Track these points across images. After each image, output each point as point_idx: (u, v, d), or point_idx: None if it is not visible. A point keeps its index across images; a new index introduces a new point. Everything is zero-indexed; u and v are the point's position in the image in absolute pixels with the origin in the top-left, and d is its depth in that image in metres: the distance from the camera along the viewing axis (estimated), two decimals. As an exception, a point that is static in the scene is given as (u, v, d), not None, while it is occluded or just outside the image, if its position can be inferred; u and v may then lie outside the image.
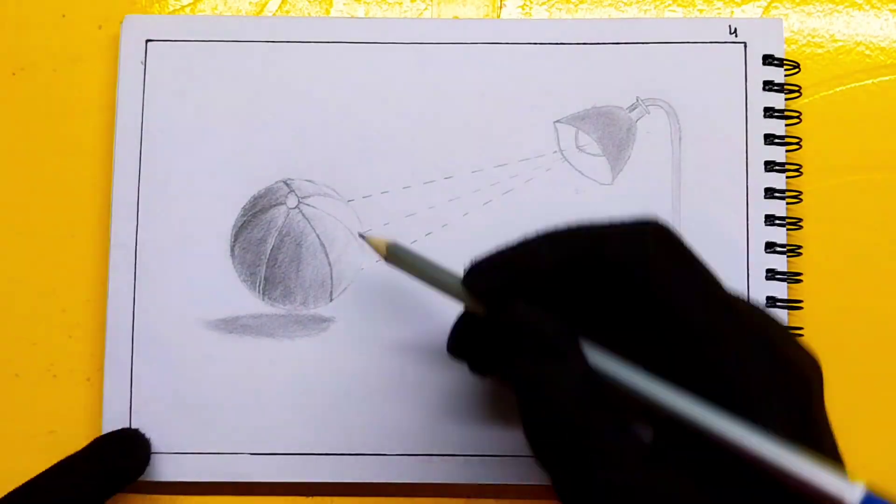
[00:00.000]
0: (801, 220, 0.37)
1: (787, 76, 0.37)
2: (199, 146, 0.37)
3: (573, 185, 0.37)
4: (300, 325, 0.37)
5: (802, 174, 0.37)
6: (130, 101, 0.38)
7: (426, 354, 0.36)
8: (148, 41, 0.38)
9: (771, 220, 0.37)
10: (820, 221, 0.38)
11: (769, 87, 0.37)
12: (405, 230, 0.37)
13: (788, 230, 0.37)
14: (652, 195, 0.37)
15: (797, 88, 0.37)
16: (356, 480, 0.36)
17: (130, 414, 0.36)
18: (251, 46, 0.38)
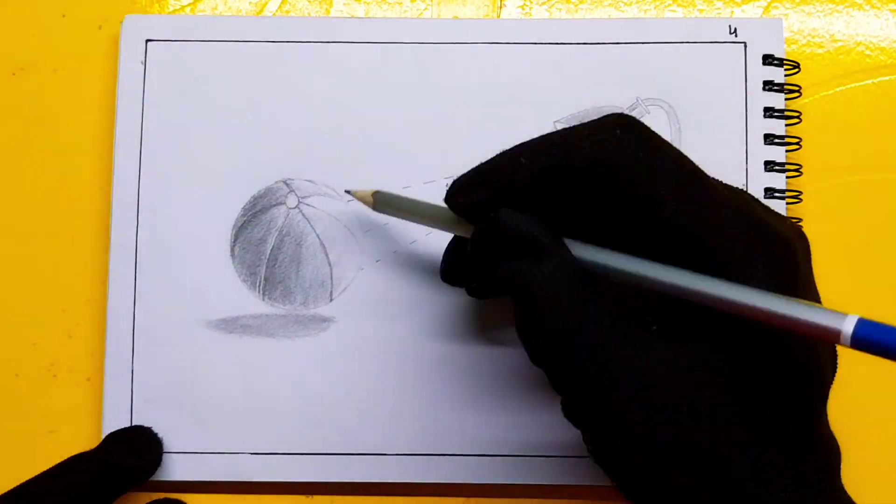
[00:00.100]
0: (800, 220, 0.37)
1: (787, 76, 0.37)
2: (199, 146, 0.37)
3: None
4: (300, 325, 0.37)
5: (802, 174, 0.37)
6: (130, 101, 0.38)
7: (426, 354, 0.36)
8: (148, 41, 0.38)
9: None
10: (820, 221, 0.38)
11: (769, 87, 0.37)
12: (406, 230, 0.37)
13: (788, 230, 0.37)
14: (652, 195, 0.37)
15: (797, 88, 0.37)
16: (356, 480, 0.36)
17: (131, 414, 0.36)
18: (251, 46, 0.38)
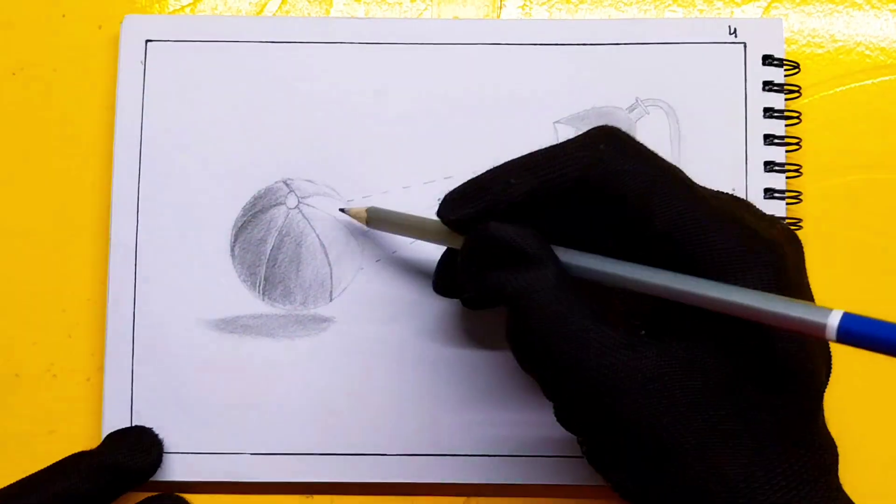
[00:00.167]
0: (800, 220, 0.37)
1: (786, 76, 0.37)
2: (199, 146, 0.37)
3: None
4: (300, 325, 0.37)
5: (802, 174, 0.37)
6: (130, 101, 0.38)
7: (426, 354, 0.36)
8: (148, 41, 0.38)
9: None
10: (820, 221, 0.38)
11: (769, 87, 0.37)
12: (405, 230, 0.37)
13: (788, 230, 0.37)
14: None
15: (797, 89, 0.37)
16: (356, 480, 0.36)
17: (131, 414, 0.36)
18: (251, 46, 0.38)
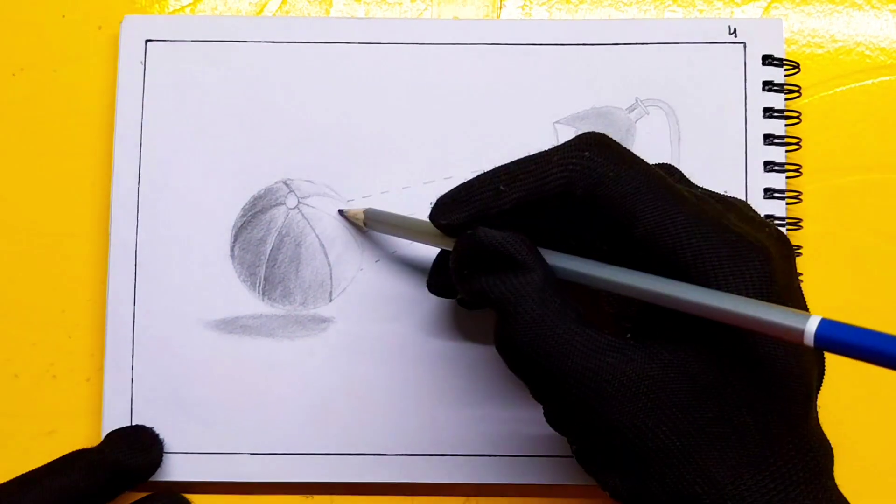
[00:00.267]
0: (800, 220, 0.37)
1: (786, 76, 0.37)
2: (199, 146, 0.37)
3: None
4: (300, 325, 0.37)
5: (802, 174, 0.37)
6: (130, 101, 0.38)
7: (426, 354, 0.36)
8: (148, 41, 0.38)
9: (771, 220, 0.37)
10: (820, 221, 0.38)
11: (769, 87, 0.37)
12: (405, 230, 0.37)
13: (788, 230, 0.37)
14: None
15: (797, 88, 0.37)
16: (356, 480, 0.36)
17: (131, 414, 0.36)
18: (251, 46, 0.38)
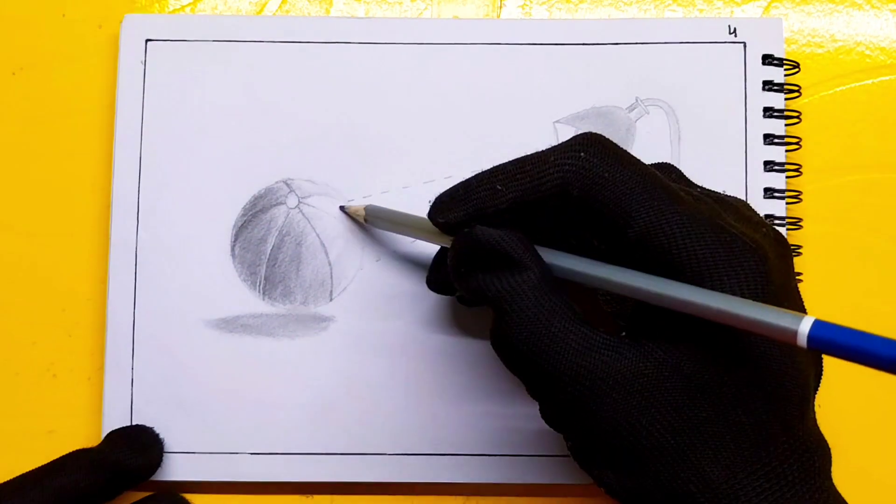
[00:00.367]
0: (800, 220, 0.37)
1: (786, 76, 0.37)
2: (199, 146, 0.37)
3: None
4: (300, 324, 0.37)
5: (802, 174, 0.37)
6: (130, 101, 0.38)
7: (426, 353, 0.36)
8: (148, 41, 0.38)
9: (771, 220, 0.37)
10: (820, 221, 0.38)
11: (769, 86, 0.37)
12: (405, 230, 0.37)
13: (788, 230, 0.37)
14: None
15: (797, 88, 0.37)
16: (356, 480, 0.36)
17: (131, 414, 0.36)
18: (251, 46, 0.38)
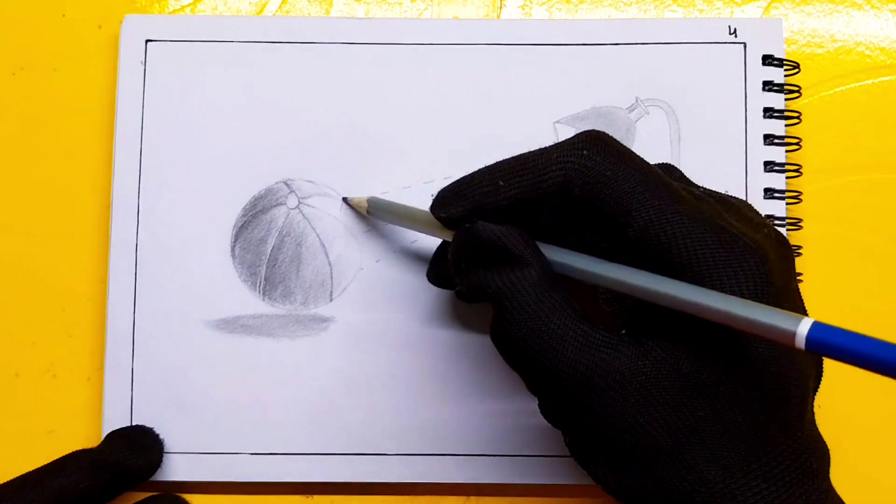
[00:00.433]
0: (800, 220, 0.37)
1: (786, 76, 0.37)
2: (199, 146, 0.37)
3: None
4: (300, 325, 0.37)
5: (802, 174, 0.37)
6: (130, 101, 0.38)
7: (427, 353, 0.36)
8: (148, 41, 0.38)
9: (771, 220, 0.37)
10: (820, 221, 0.38)
11: (769, 87, 0.37)
12: (406, 231, 0.37)
13: (788, 230, 0.37)
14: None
15: (797, 88, 0.37)
16: (356, 480, 0.36)
17: (131, 414, 0.36)
18: (251, 47, 0.38)
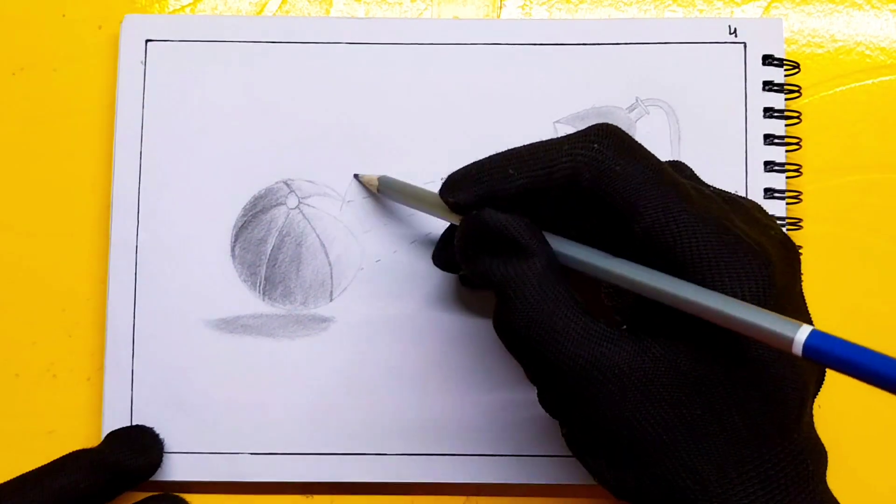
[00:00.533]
0: (800, 220, 0.37)
1: (786, 76, 0.37)
2: (199, 146, 0.37)
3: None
4: (300, 325, 0.37)
5: (802, 174, 0.37)
6: (130, 101, 0.38)
7: (425, 354, 0.36)
8: (148, 41, 0.38)
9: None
10: (820, 221, 0.38)
11: (769, 87, 0.37)
12: (406, 231, 0.37)
13: (788, 230, 0.37)
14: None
15: (797, 88, 0.37)
16: (356, 480, 0.36)
17: (131, 414, 0.36)
18: (251, 46, 0.38)
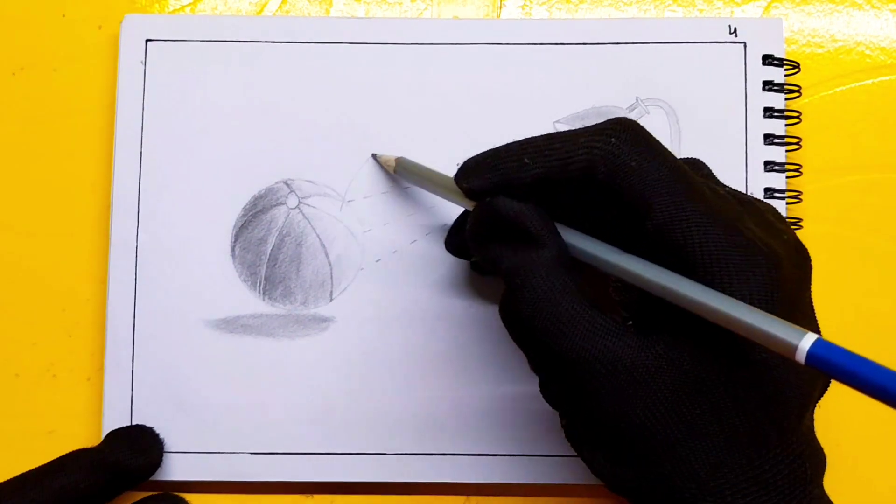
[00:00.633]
0: (800, 220, 0.37)
1: (786, 76, 0.37)
2: (199, 146, 0.37)
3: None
4: (300, 324, 0.37)
5: (802, 174, 0.37)
6: (130, 101, 0.38)
7: (425, 354, 0.36)
8: (148, 41, 0.38)
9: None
10: (820, 221, 0.38)
11: (769, 87, 0.37)
12: (406, 230, 0.37)
13: (788, 230, 0.37)
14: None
15: (797, 88, 0.37)
16: (356, 480, 0.36)
17: (131, 414, 0.36)
18: (251, 46, 0.38)
